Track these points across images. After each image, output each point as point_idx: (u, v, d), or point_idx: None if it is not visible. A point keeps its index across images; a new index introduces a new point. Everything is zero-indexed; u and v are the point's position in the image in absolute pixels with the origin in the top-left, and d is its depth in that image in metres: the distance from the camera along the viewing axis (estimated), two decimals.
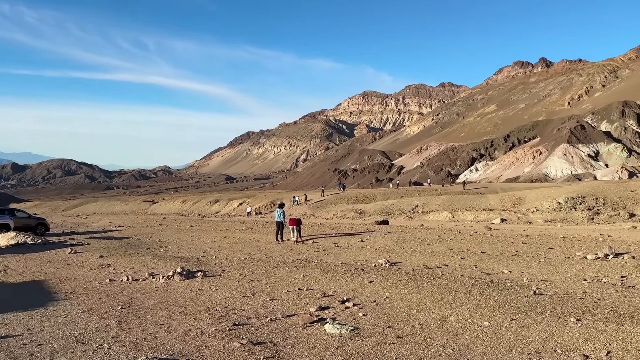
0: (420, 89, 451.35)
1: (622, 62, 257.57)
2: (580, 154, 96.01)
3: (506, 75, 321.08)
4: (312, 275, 10.82)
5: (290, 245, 17.28)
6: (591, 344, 5.77)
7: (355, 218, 40.75)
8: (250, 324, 7.10)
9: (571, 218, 32.19)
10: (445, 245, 16.37)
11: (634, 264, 11.92)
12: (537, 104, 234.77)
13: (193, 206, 68.60)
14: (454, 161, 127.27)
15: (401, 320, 7.03)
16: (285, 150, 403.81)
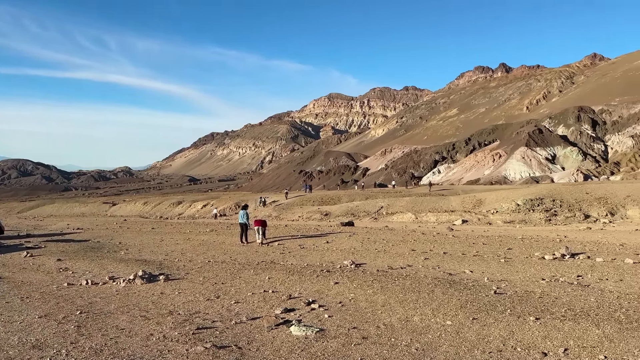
0: (385, 92, 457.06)
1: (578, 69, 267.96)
2: (538, 157, 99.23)
3: (467, 80, 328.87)
4: (278, 277, 10.77)
5: (255, 247, 17.16)
6: (549, 342, 5.96)
7: (320, 220, 40.83)
8: (214, 327, 7.01)
9: (529, 219, 33.19)
10: (409, 246, 16.60)
11: (589, 263, 12.39)
12: (497, 108, 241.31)
13: (155, 208, 67.24)
14: (418, 163, 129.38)
15: (366, 321, 7.08)
16: (250, 152, 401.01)
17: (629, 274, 10.72)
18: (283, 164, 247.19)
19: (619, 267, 11.59)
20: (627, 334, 6.10)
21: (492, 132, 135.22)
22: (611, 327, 6.35)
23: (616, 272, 10.90)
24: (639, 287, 9.26)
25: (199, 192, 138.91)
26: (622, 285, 9.48)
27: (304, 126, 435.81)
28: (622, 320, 6.74)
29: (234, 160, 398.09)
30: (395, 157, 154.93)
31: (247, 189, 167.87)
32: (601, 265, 11.93)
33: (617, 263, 12.29)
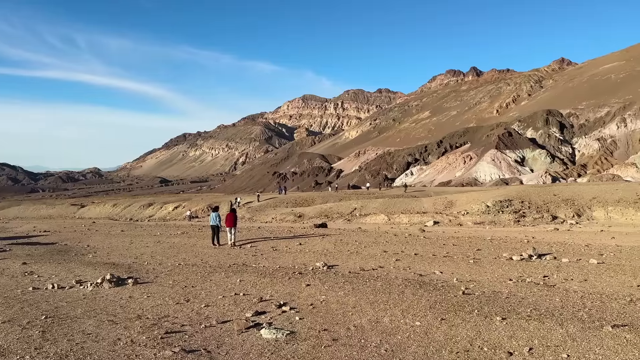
0: (359, 94, 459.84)
1: (547, 73, 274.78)
2: (507, 160, 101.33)
3: (439, 83, 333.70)
4: (249, 279, 10.71)
5: (227, 250, 17.03)
6: (515, 341, 6.08)
7: (294, 221, 40.78)
8: (183, 331, 6.92)
9: (499, 220, 33.85)
10: (381, 248, 16.73)
11: (555, 264, 12.72)
12: (468, 111, 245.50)
13: (125, 210, 66.02)
14: (391, 165, 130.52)
15: (337, 323, 7.10)
16: (223, 153, 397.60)
17: (593, 274, 11.05)
18: (257, 166, 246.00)
19: (584, 268, 11.93)
20: (589, 332, 6.28)
21: (463, 135, 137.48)
22: (574, 327, 6.52)
23: (581, 273, 11.22)
24: (602, 287, 9.55)
25: (170, 193, 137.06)
26: (586, 285, 9.76)
27: (278, 127, 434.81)
28: (584, 319, 6.93)
29: (207, 161, 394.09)
30: (368, 158, 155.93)
31: (220, 190, 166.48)
32: (567, 266, 12.26)
33: (582, 263, 12.65)
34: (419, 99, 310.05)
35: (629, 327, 6.48)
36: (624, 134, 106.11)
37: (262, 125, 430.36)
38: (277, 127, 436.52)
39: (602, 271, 11.31)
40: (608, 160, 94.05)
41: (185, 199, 70.37)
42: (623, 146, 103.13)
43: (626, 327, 6.47)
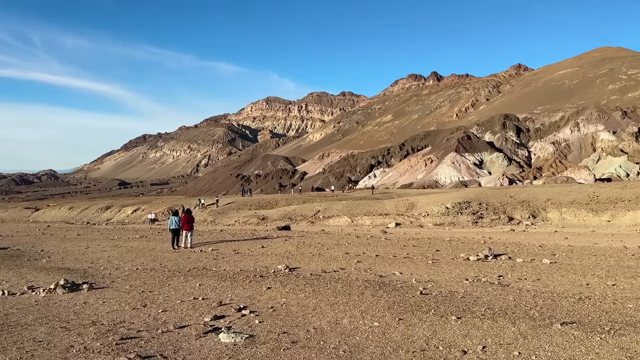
0: (323, 96, 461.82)
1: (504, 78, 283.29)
2: (466, 162, 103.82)
3: (401, 87, 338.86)
4: (209, 283, 10.58)
5: (187, 254, 16.75)
6: (469, 340, 6.24)
7: (257, 224, 40.53)
8: (139, 337, 6.77)
9: (458, 222, 34.63)
10: (344, 250, 16.84)
11: (510, 264, 13.12)
12: (429, 115, 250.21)
13: (81, 213, 64.04)
14: (354, 168, 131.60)
15: (297, 325, 7.11)
16: (185, 155, 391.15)
17: (546, 273, 11.46)
18: (220, 168, 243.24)
19: (537, 267, 12.36)
20: (540, 330, 6.51)
21: (425, 138, 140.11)
22: (526, 325, 6.75)
23: (534, 272, 11.61)
24: (554, 286, 9.92)
25: (129, 196, 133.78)
26: (538, 285, 10.11)
27: (241, 129, 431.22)
28: (536, 317, 7.19)
29: (168, 163, 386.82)
30: (332, 161, 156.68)
31: (182, 193, 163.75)
32: (521, 266, 12.67)
33: (536, 263, 13.10)
34: (382, 103, 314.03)
35: (577, 325, 6.75)
36: (577, 138, 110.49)
37: (225, 126, 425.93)
38: (240, 129, 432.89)
39: (554, 271, 11.75)
40: (562, 163, 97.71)
41: (145, 201, 68.84)
42: (576, 149, 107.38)
43: (574, 325, 6.74)
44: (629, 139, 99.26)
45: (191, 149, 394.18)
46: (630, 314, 7.39)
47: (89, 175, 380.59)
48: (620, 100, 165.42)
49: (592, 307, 7.91)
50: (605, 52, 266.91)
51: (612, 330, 6.45)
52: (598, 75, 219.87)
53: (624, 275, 10.95)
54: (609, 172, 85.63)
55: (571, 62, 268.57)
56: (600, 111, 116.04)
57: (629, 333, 6.32)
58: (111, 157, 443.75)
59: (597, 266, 12.39)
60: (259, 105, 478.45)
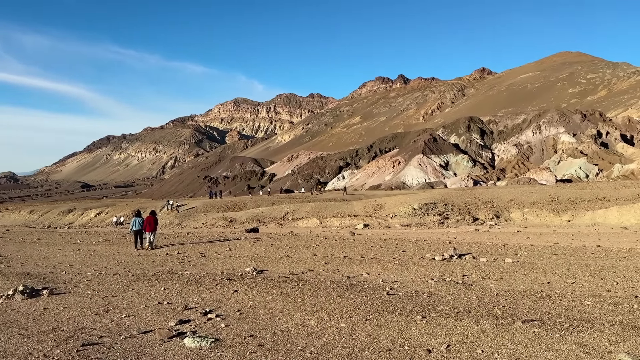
0: (291, 98, 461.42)
1: (469, 82, 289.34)
2: (433, 164, 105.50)
3: (369, 90, 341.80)
4: (174, 287, 10.40)
5: (152, 257, 16.43)
6: (434, 339, 6.33)
7: (225, 226, 40.12)
8: (101, 343, 6.60)
9: (424, 222, 35.13)
10: (312, 251, 16.84)
11: (473, 263, 13.38)
12: (396, 117, 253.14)
13: (42, 217, 62.00)
14: (323, 169, 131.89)
15: (263, 328, 7.06)
16: (150, 156, 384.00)
17: (508, 272, 11.73)
18: (186, 170, 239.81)
19: (500, 266, 12.64)
20: (502, 328, 6.66)
21: (392, 140, 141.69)
22: (489, 323, 6.89)
23: (497, 271, 11.88)
24: (516, 285, 10.17)
25: (92, 199, 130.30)
26: (501, 283, 10.34)
27: (208, 131, 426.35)
28: (498, 316, 7.35)
29: (132, 165, 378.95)
30: (301, 162, 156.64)
31: (147, 195, 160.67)
32: (484, 265, 12.94)
33: (499, 262, 13.40)
34: (350, 105, 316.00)
35: (538, 322, 6.94)
36: (539, 140, 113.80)
37: (192, 128, 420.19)
38: (208, 130, 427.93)
39: (517, 269, 12.05)
40: (525, 165, 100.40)
41: (109, 204, 67.20)
42: (538, 151, 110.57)
43: (535, 322, 6.92)
44: (588, 141, 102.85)
45: (157, 151, 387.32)
46: (588, 311, 7.63)
47: (51, 177, 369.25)
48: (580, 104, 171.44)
49: (552, 305, 8.14)
50: (565, 56, 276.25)
51: (571, 327, 6.65)
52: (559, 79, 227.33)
53: (582, 274, 11.31)
54: (570, 173, 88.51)
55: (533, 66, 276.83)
56: (561, 114, 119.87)
57: (587, 330, 6.53)
58: (74, 159, 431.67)
59: (557, 265, 12.77)
60: (227, 106, 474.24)
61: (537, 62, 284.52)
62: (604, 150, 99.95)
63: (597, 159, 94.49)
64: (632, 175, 78.12)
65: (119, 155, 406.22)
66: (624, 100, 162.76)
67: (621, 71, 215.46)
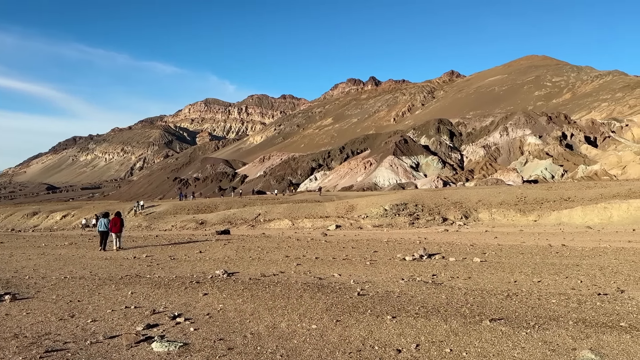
0: (263, 99, 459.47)
1: (438, 84, 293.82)
2: (404, 165, 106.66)
3: (341, 91, 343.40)
4: (142, 291, 10.19)
5: (119, 260, 16.08)
6: (403, 339, 6.38)
7: (195, 229, 39.63)
8: (66, 349, 6.41)
9: (395, 223, 35.47)
10: (283, 253, 16.79)
11: (443, 263, 13.57)
12: (367, 118, 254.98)
13: (5, 220, 60.02)
14: (295, 170, 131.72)
15: (233, 332, 6.99)
16: (118, 158, 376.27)
17: (476, 271, 11.94)
18: (155, 171, 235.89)
19: (468, 266, 12.85)
20: (470, 327, 6.76)
21: (364, 142, 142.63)
22: (457, 322, 6.99)
23: (465, 271, 12.07)
24: (484, 284, 10.35)
25: (58, 201, 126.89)
26: (469, 283, 10.51)
27: (178, 131, 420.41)
28: (467, 314, 7.46)
29: (100, 166, 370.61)
30: (273, 164, 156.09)
31: (115, 197, 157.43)
32: (453, 265, 13.13)
33: (467, 262, 13.62)
34: (322, 106, 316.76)
35: (505, 320, 7.07)
36: (506, 142, 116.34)
37: (162, 128, 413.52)
38: (178, 131, 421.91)
39: (484, 269, 12.27)
40: (492, 166, 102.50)
41: (75, 206, 65.54)
42: (505, 153, 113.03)
43: (502, 321, 7.06)
44: (554, 143, 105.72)
45: (125, 152, 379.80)
46: (554, 309, 7.82)
47: (14, 179, 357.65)
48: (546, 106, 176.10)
49: (519, 303, 8.31)
50: (532, 60, 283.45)
51: (537, 325, 6.80)
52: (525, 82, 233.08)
53: (548, 272, 11.61)
54: (536, 174, 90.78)
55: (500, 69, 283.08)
56: (528, 116, 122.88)
57: (552, 327, 6.69)
58: (38, 160, 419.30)
59: (524, 264, 13.06)
60: (197, 107, 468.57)
61: (504, 66, 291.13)
62: (568, 151, 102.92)
63: (562, 160, 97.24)
64: (595, 176, 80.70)
65: (85, 157, 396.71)
66: (587, 103, 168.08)
67: (585, 75, 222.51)
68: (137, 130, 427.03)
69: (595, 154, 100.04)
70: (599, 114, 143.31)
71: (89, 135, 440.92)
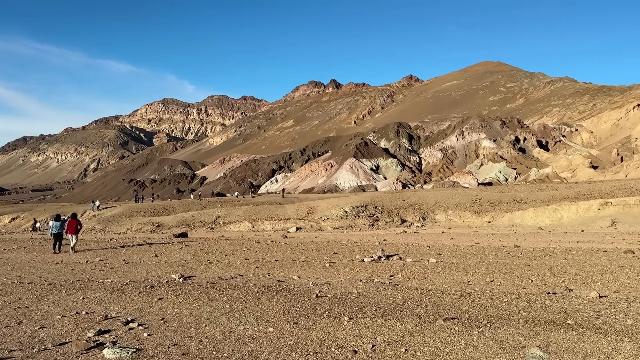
0: (223, 100, 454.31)
1: (397, 88, 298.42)
2: (364, 168, 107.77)
3: (302, 93, 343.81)
4: (94, 296, 9.87)
5: (71, 265, 15.53)
6: (360, 340, 6.43)
7: (152, 232, 38.73)
8: (12, 357, 6.13)
9: (355, 225, 35.77)
10: (243, 256, 16.64)
11: (400, 264, 13.79)
12: (328, 121, 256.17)
13: None
14: (256, 172, 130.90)
15: (188, 336, 6.87)
16: (71, 159, 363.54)
17: (432, 272, 12.19)
18: (110, 172, 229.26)
19: (425, 267, 13.10)
20: (425, 327, 6.89)
21: (325, 144, 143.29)
22: (412, 322, 7.11)
23: (422, 271, 12.31)
24: (439, 284, 10.58)
25: (7, 203, 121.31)
26: (425, 283, 10.72)
27: (135, 132, 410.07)
28: (422, 314, 7.60)
29: (52, 167, 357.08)
30: (234, 166, 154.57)
31: (68, 199, 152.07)
32: (410, 265, 13.36)
33: (424, 263, 13.89)
34: (283, 108, 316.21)
35: (458, 320, 7.24)
36: (462, 145, 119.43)
37: (117, 129, 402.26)
38: (134, 131, 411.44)
39: (440, 269, 12.54)
40: (449, 169, 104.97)
41: (25, 209, 62.87)
42: (462, 156, 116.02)
43: (456, 320, 7.22)
44: (507, 146, 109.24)
45: (78, 153, 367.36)
46: (505, 308, 8.07)
47: None
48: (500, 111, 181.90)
49: (472, 302, 8.53)
50: (487, 66, 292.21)
51: (489, 324, 6.99)
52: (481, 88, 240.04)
53: (500, 272, 11.97)
54: (490, 177, 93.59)
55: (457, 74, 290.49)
56: (483, 121, 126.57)
57: (503, 326, 6.90)
58: None
59: (477, 264, 13.43)
60: (155, 106, 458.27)
61: (461, 71, 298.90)
62: (521, 155, 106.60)
63: (515, 164, 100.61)
64: (547, 179, 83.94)
65: (36, 157, 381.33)
66: (539, 108, 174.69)
67: (537, 81, 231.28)
68: (91, 130, 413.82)
69: (547, 157, 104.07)
70: (551, 119, 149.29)
71: (41, 135, 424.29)
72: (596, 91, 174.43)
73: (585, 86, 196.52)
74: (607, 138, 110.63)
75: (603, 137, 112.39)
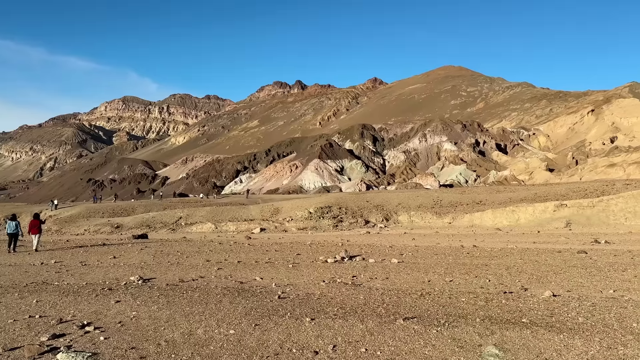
0: (186, 99, 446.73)
1: (362, 90, 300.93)
2: (329, 169, 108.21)
3: (267, 94, 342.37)
4: (49, 299, 9.55)
5: (24, 267, 14.96)
6: (321, 340, 6.46)
7: (111, 233, 37.75)
8: None
9: (320, 226, 35.87)
10: (204, 257, 16.43)
11: (363, 264, 13.92)
12: (294, 122, 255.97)
13: None
14: (220, 173, 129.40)
15: (147, 340, 6.73)
16: (26, 157, 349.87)
17: (394, 272, 12.36)
18: (68, 172, 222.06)
19: (386, 267, 13.27)
20: (385, 326, 6.98)
21: (290, 145, 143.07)
22: (373, 322, 7.19)
23: (384, 271, 12.46)
24: (400, 284, 10.74)
25: None
26: (387, 283, 10.86)
27: (93, 130, 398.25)
28: (382, 314, 7.70)
29: (6, 166, 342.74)
30: (197, 166, 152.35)
31: (23, 199, 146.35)
32: (372, 266, 13.51)
33: (386, 263, 14.07)
34: (248, 108, 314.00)
35: (418, 319, 7.37)
36: (424, 148, 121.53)
37: (75, 127, 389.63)
38: (93, 129, 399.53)
39: (401, 269, 12.73)
40: (412, 171, 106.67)
41: None
42: (424, 158, 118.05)
43: (415, 319, 7.35)
44: (468, 149, 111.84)
45: (34, 151, 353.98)
46: (463, 307, 8.27)
47: None
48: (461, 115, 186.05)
49: (431, 302, 8.70)
50: (448, 70, 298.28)
51: (447, 323, 7.15)
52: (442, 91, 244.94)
53: (459, 272, 12.25)
54: (451, 179, 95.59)
55: (420, 78, 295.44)
56: (444, 124, 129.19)
57: (461, 325, 7.06)
58: None
59: (437, 264, 13.70)
60: (115, 104, 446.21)
61: (423, 75, 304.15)
62: (481, 157, 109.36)
63: (475, 166, 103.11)
64: (505, 181, 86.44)
65: None
66: (499, 112, 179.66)
67: (497, 85, 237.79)
68: (48, 128, 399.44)
69: (505, 160, 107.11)
70: (509, 122, 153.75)
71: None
72: (553, 96, 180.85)
73: (542, 91, 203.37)
74: (563, 142, 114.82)
75: (559, 141, 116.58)
